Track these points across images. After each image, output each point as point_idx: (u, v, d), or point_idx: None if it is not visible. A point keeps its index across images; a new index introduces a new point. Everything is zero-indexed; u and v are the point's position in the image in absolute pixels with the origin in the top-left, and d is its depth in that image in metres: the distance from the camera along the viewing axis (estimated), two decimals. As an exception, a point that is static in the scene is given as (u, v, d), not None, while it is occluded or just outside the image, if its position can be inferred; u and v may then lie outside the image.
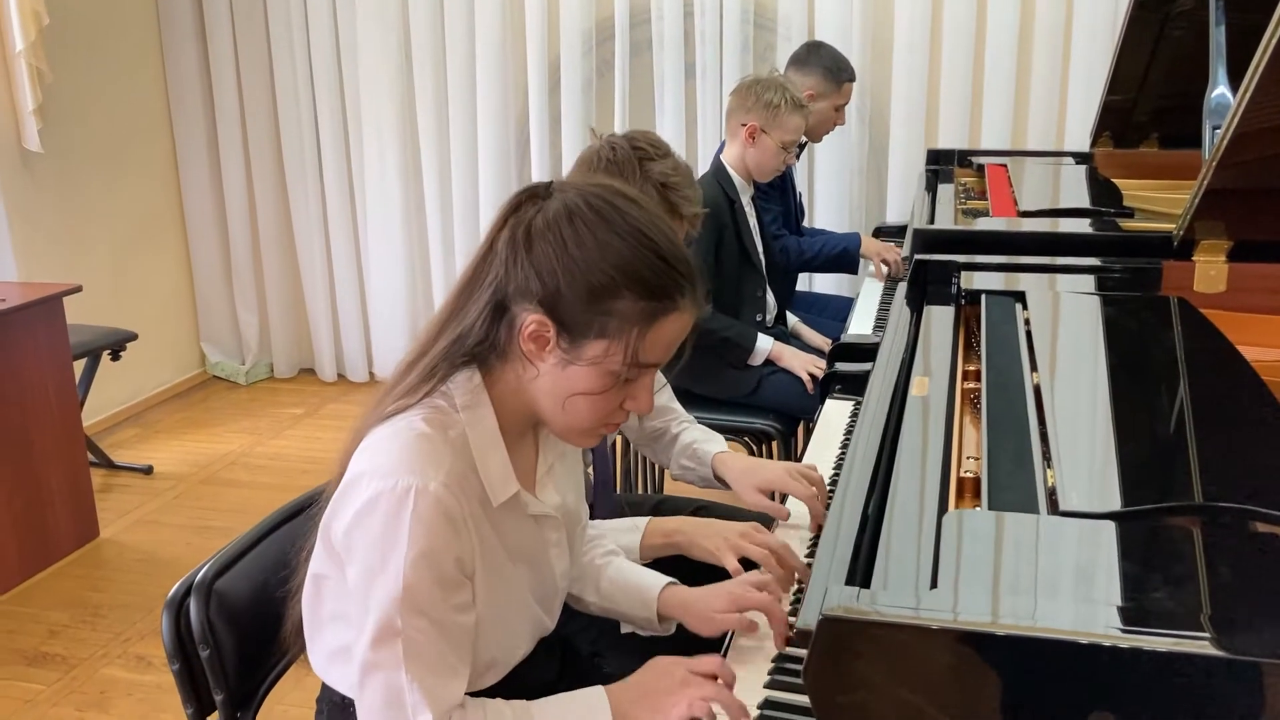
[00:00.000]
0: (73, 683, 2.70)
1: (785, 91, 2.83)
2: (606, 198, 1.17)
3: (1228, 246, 1.89)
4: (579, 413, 1.18)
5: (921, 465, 1.24)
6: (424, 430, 1.16)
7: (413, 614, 1.12)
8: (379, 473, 1.14)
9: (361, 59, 4.42)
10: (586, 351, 1.15)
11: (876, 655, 0.88)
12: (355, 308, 4.76)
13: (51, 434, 3.28)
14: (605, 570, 1.48)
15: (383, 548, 1.12)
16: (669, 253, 1.16)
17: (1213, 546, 0.98)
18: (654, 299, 1.15)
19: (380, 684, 1.14)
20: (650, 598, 1.43)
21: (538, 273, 1.14)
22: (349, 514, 1.15)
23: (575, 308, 1.13)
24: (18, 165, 3.93)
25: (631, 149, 1.73)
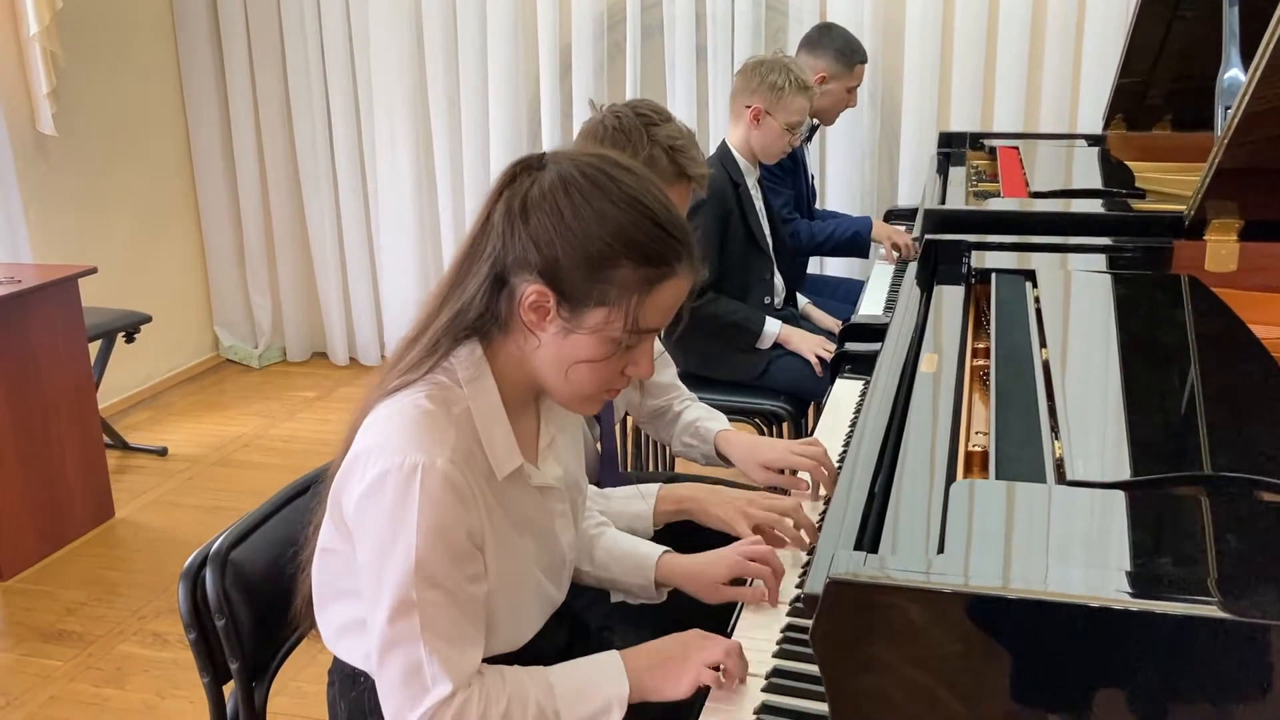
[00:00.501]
0: (89, 659, 2.73)
1: (790, 73, 2.82)
2: (601, 166, 1.18)
3: (1239, 226, 1.89)
4: (582, 380, 1.20)
5: (930, 438, 1.25)
6: (428, 407, 1.17)
7: (427, 587, 1.14)
8: (386, 450, 1.15)
9: (373, 43, 4.43)
10: (587, 320, 1.17)
11: (883, 619, 0.89)
12: (367, 291, 4.78)
13: (67, 415, 3.30)
14: (599, 540, 1.49)
15: (393, 525, 1.14)
16: (665, 219, 1.17)
17: (1220, 515, 0.99)
18: (652, 266, 1.16)
19: (399, 658, 1.15)
20: (647, 566, 1.45)
21: (535, 243, 1.15)
22: (357, 491, 1.16)
23: (574, 277, 1.15)
24: (32, 149, 3.95)
25: (636, 116, 1.74)
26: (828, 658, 0.92)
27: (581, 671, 1.24)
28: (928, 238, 2.04)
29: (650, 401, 2.01)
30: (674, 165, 1.73)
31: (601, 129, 1.74)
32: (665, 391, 2.00)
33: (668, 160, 1.72)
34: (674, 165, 1.73)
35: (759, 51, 4.05)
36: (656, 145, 1.72)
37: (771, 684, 1.20)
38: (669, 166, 1.72)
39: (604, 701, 1.20)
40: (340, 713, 1.37)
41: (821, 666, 0.92)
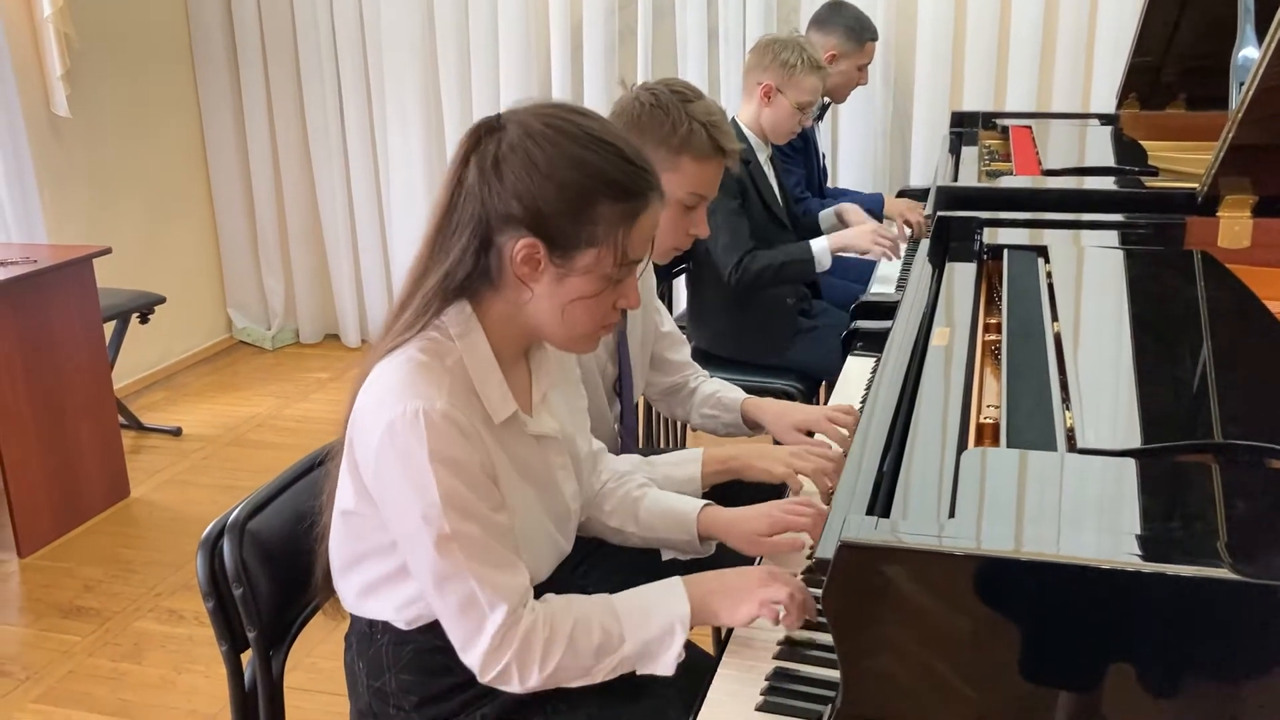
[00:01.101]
0: (107, 635, 2.76)
1: (803, 52, 2.82)
2: (560, 114, 1.22)
3: (1252, 202, 1.89)
4: (578, 320, 1.25)
5: (941, 409, 1.26)
6: (421, 359, 1.21)
7: (458, 519, 1.18)
8: (385, 402, 1.19)
9: (384, 23, 4.43)
10: (579, 262, 1.21)
11: (894, 582, 0.90)
12: (379, 273, 4.80)
13: (83, 395, 3.33)
14: (642, 501, 1.53)
15: (411, 469, 1.17)
16: (631, 154, 1.23)
17: (1231, 481, 0.99)
18: (630, 199, 1.21)
19: (452, 595, 1.20)
20: (689, 521, 1.48)
21: (516, 197, 1.19)
22: (370, 449, 1.20)
23: (561, 223, 1.19)
24: (47, 130, 3.97)
25: (672, 93, 1.74)
26: (839, 622, 0.93)
27: (645, 595, 1.27)
28: (940, 215, 2.04)
29: (665, 379, 2.02)
30: (711, 141, 1.74)
31: (638, 105, 1.74)
32: (680, 369, 2.02)
33: (706, 136, 1.73)
34: (711, 141, 1.74)
35: (771, 32, 4.03)
36: (694, 121, 1.73)
37: (783, 650, 1.21)
38: (707, 142, 1.74)
39: (668, 623, 1.23)
40: (359, 672, 1.39)
41: (833, 631, 0.93)
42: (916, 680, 0.92)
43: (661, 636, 1.23)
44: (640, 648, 1.23)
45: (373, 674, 1.36)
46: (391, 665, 1.33)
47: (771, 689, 1.15)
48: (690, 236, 1.83)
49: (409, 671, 1.33)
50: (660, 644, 1.23)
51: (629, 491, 1.55)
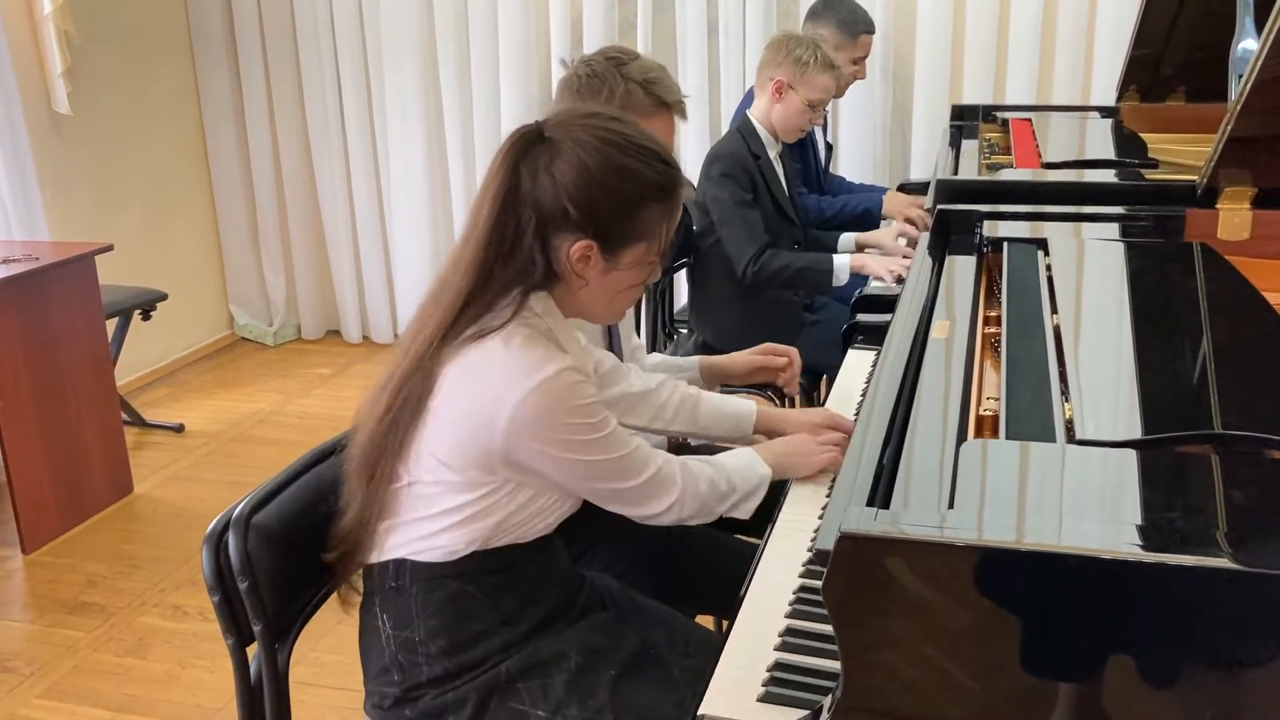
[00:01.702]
0: (111, 630, 2.77)
1: (817, 49, 2.82)
2: (603, 124, 1.36)
3: (1252, 194, 1.89)
4: (623, 303, 1.46)
5: (941, 401, 1.26)
6: (530, 333, 1.35)
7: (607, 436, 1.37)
8: (521, 375, 1.31)
9: (384, 17, 4.43)
10: (625, 257, 1.38)
11: (894, 573, 0.90)
12: (380, 270, 4.80)
13: (86, 392, 3.34)
14: (700, 406, 1.78)
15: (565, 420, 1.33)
16: (665, 155, 1.39)
17: (1230, 471, 1.00)
18: (670, 198, 1.38)
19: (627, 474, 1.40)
20: (746, 422, 1.77)
21: (572, 202, 1.32)
22: (504, 420, 1.30)
23: (613, 225, 1.35)
24: (48, 127, 3.98)
25: (605, 60, 1.80)
26: (839, 613, 0.94)
27: (736, 461, 1.56)
28: (940, 208, 2.04)
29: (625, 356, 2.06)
30: (650, 97, 1.79)
31: (576, 80, 1.80)
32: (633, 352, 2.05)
33: (643, 93, 1.78)
34: (650, 97, 1.79)
35: (770, 26, 4.05)
36: (630, 81, 1.78)
37: (785, 643, 1.22)
38: (645, 99, 1.79)
39: (759, 478, 1.54)
40: (384, 626, 1.41)
41: (833, 622, 0.94)
42: (916, 671, 0.93)
43: (754, 489, 1.54)
44: (743, 496, 1.52)
45: (400, 624, 1.40)
46: (421, 612, 1.39)
47: (773, 680, 1.16)
48: None
49: (439, 616, 1.38)
50: (753, 494, 1.53)
51: (685, 396, 1.78)
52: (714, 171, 2.85)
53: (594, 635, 1.44)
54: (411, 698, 1.41)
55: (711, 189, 2.86)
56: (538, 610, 1.42)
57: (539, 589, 1.42)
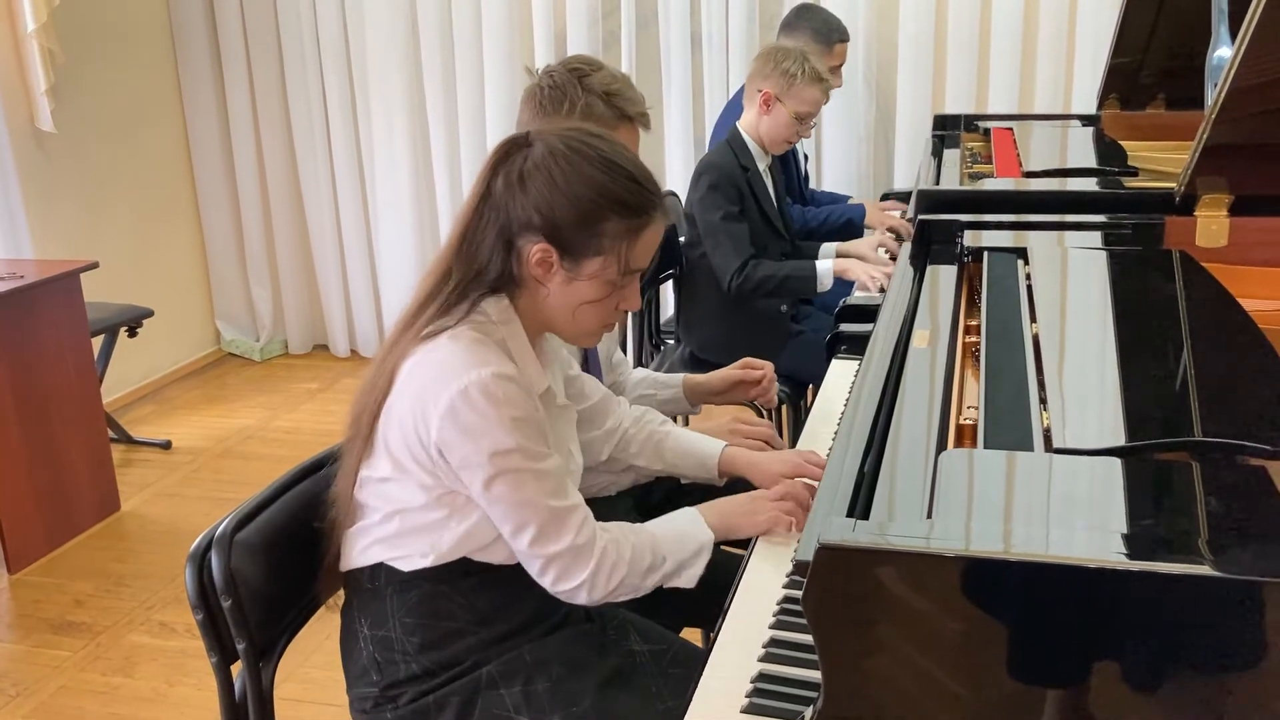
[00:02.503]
0: (98, 649, 2.76)
1: (805, 62, 2.84)
2: (580, 137, 1.38)
3: (1229, 201, 1.91)
4: (586, 318, 1.42)
5: (922, 411, 1.27)
6: (477, 335, 1.36)
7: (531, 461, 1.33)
8: (458, 370, 1.31)
9: (369, 34, 4.44)
10: (586, 268, 1.38)
11: (872, 584, 0.91)
12: (366, 284, 4.80)
13: (72, 409, 3.33)
14: (665, 441, 1.74)
15: (490, 426, 1.31)
16: (639, 175, 1.39)
17: (1210, 480, 1.00)
18: (635, 216, 1.37)
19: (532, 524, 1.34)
20: (710, 460, 1.71)
21: (536, 208, 1.35)
22: (437, 415, 1.31)
23: (572, 233, 1.35)
24: (32, 145, 3.97)
25: (568, 71, 1.79)
26: (820, 625, 0.94)
27: (673, 524, 1.49)
28: (921, 218, 2.05)
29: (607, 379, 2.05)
30: (612, 109, 1.79)
31: (538, 91, 1.79)
32: (619, 367, 2.08)
33: (604, 105, 1.78)
34: (612, 109, 1.79)
35: (754, 39, 4.07)
36: (591, 94, 1.77)
37: (769, 653, 1.22)
38: (606, 111, 1.78)
39: (697, 546, 1.45)
40: (361, 626, 1.43)
41: (814, 633, 0.94)
42: (898, 681, 0.93)
43: (692, 557, 1.45)
44: (676, 566, 1.44)
45: (376, 623, 1.42)
46: (396, 611, 1.40)
47: (757, 690, 1.16)
48: None
49: (413, 615, 1.40)
50: (689, 563, 1.45)
51: (652, 431, 1.74)
52: (702, 184, 2.87)
53: (577, 646, 1.45)
54: (390, 697, 1.42)
55: (698, 202, 2.87)
56: (516, 613, 1.43)
57: (517, 593, 1.42)
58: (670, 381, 2.05)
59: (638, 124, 1.84)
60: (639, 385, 2.06)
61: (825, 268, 2.82)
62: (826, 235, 3.36)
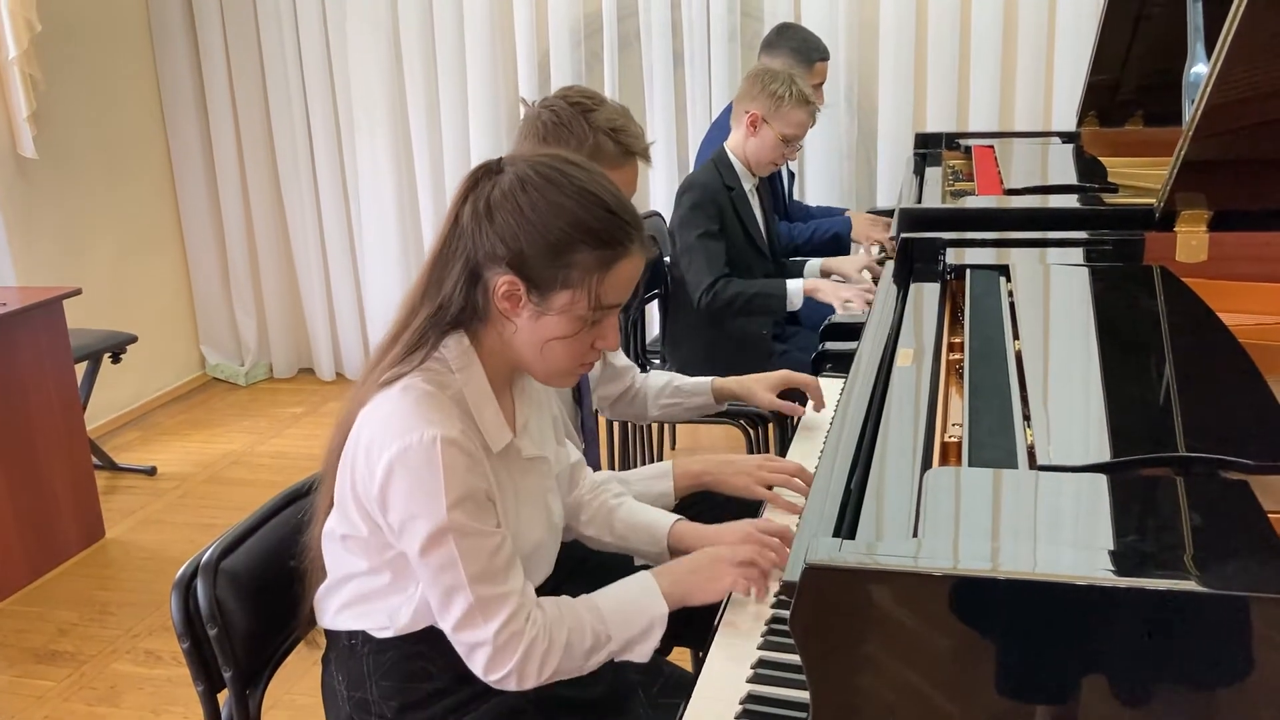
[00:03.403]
0: (83, 679, 2.73)
1: (793, 85, 2.87)
2: (553, 164, 1.31)
3: (1208, 216, 1.92)
4: (557, 357, 1.34)
5: (906, 430, 1.27)
6: (427, 389, 1.29)
7: (462, 538, 1.26)
8: (397, 429, 1.25)
9: (352, 57, 4.45)
10: (555, 302, 1.30)
11: (859, 603, 0.91)
12: (352, 306, 4.79)
13: (55, 437, 3.31)
14: (618, 511, 1.62)
15: (424, 495, 1.24)
16: (615, 205, 1.31)
17: (1194, 495, 1.01)
18: (607, 247, 1.30)
19: (458, 606, 1.27)
20: (660, 536, 1.57)
21: (501, 238, 1.28)
22: (379, 473, 1.26)
23: (539, 264, 1.28)
24: (14, 172, 3.96)
25: (570, 106, 1.77)
26: (807, 645, 0.94)
27: (624, 596, 1.39)
28: (904, 236, 2.06)
29: (615, 388, 2.09)
30: (619, 146, 1.78)
31: (540, 126, 1.77)
32: (625, 373, 2.09)
33: (612, 144, 1.77)
34: (619, 146, 1.78)
35: (735, 58, 4.10)
36: (598, 131, 1.76)
37: (757, 674, 1.22)
38: (614, 149, 1.77)
39: (648, 621, 1.35)
40: (339, 685, 1.41)
41: (802, 654, 0.94)
42: (886, 701, 0.93)
43: (642, 634, 1.36)
44: (624, 644, 1.35)
45: (353, 685, 1.39)
46: (372, 673, 1.37)
47: (745, 712, 1.16)
48: None
49: (390, 678, 1.37)
50: (640, 639, 1.36)
51: (605, 501, 1.63)
52: (684, 202, 2.90)
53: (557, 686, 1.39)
54: None
55: (678, 219, 2.90)
56: None
57: None
58: (698, 389, 2.07)
59: (641, 158, 1.83)
60: (661, 394, 2.08)
61: (795, 287, 2.85)
62: (812, 251, 3.38)
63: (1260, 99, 1.69)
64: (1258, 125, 1.74)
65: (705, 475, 1.74)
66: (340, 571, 1.38)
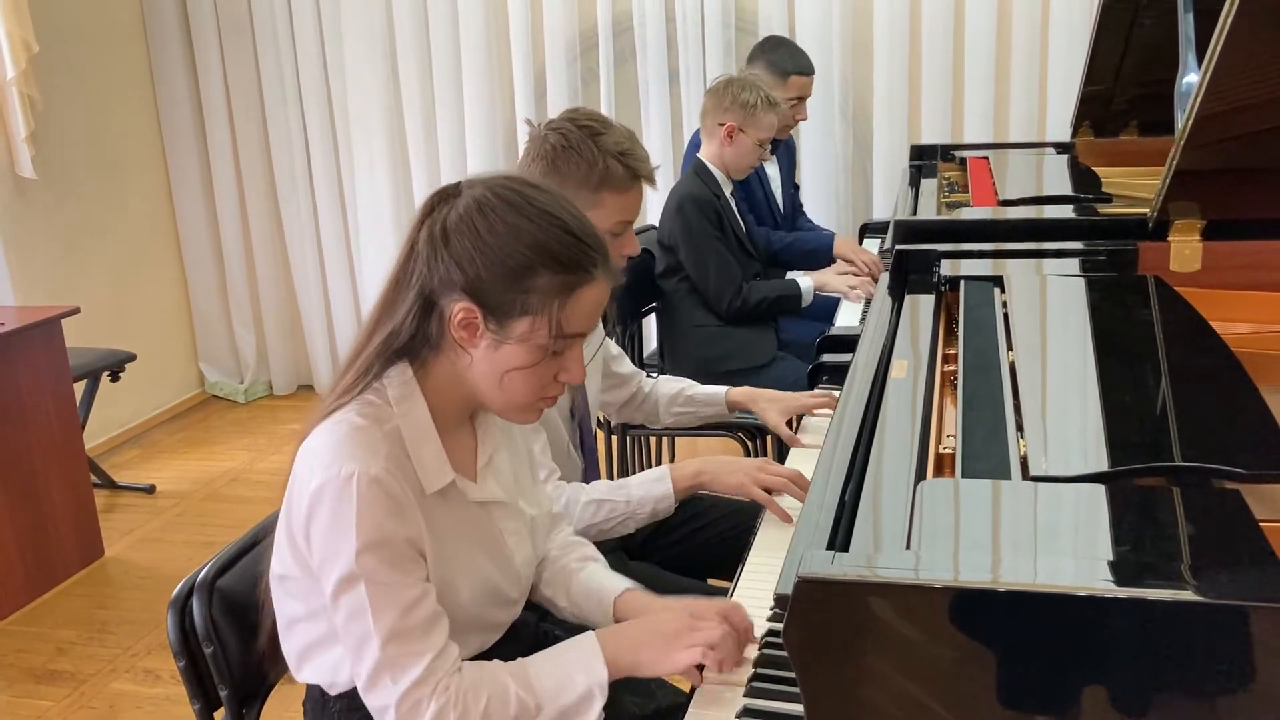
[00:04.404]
0: (81, 698, 2.73)
1: (759, 90, 2.95)
2: (512, 186, 1.25)
3: (1201, 226, 1.93)
4: (516, 389, 1.26)
5: (904, 442, 1.27)
6: (359, 423, 1.22)
7: (375, 588, 1.18)
8: (320, 464, 1.19)
9: (349, 76, 4.47)
10: (514, 330, 1.23)
11: (852, 616, 0.91)
12: (350, 322, 4.79)
13: (54, 456, 3.31)
14: (577, 575, 1.48)
15: (336, 533, 1.18)
16: (577, 229, 1.24)
17: (1189, 504, 1.01)
18: (569, 272, 1.23)
19: (366, 658, 1.19)
20: (607, 603, 1.42)
21: (458, 264, 1.21)
22: (303, 510, 1.20)
23: (497, 290, 1.21)
24: (12, 191, 3.97)
25: (579, 129, 1.75)
26: (801, 658, 0.94)
27: (560, 659, 1.26)
28: (899, 248, 2.07)
29: (621, 394, 2.11)
30: (627, 170, 1.76)
31: (549, 148, 1.75)
32: (630, 379, 2.11)
33: (621, 167, 1.75)
34: (627, 170, 1.76)
35: (730, 72, 4.10)
36: (607, 155, 1.74)
37: (753, 688, 1.22)
38: (623, 172, 1.76)
39: (585, 689, 1.22)
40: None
41: (795, 666, 0.94)
42: (883, 713, 0.93)
43: (579, 703, 1.22)
44: (556, 715, 1.22)
45: None
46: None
47: (742, 727, 1.16)
48: (623, 258, 1.85)
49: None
50: (578, 710, 1.22)
51: (567, 564, 1.50)
52: (686, 213, 2.93)
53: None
54: None
55: (683, 230, 2.93)
56: None
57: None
58: (712, 400, 2.10)
59: (647, 182, 1.82)
60: (674, 402, 2.11)
61: (807, 284, 3.05)
62: (789, 261, 3.40)
63: (1251, 108, 1.69)
64: (1249, 134, 1.75)
65: (702, 474, 1.75)
66: (285, 616, 1.32)
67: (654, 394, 2.12)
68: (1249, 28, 1.53)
